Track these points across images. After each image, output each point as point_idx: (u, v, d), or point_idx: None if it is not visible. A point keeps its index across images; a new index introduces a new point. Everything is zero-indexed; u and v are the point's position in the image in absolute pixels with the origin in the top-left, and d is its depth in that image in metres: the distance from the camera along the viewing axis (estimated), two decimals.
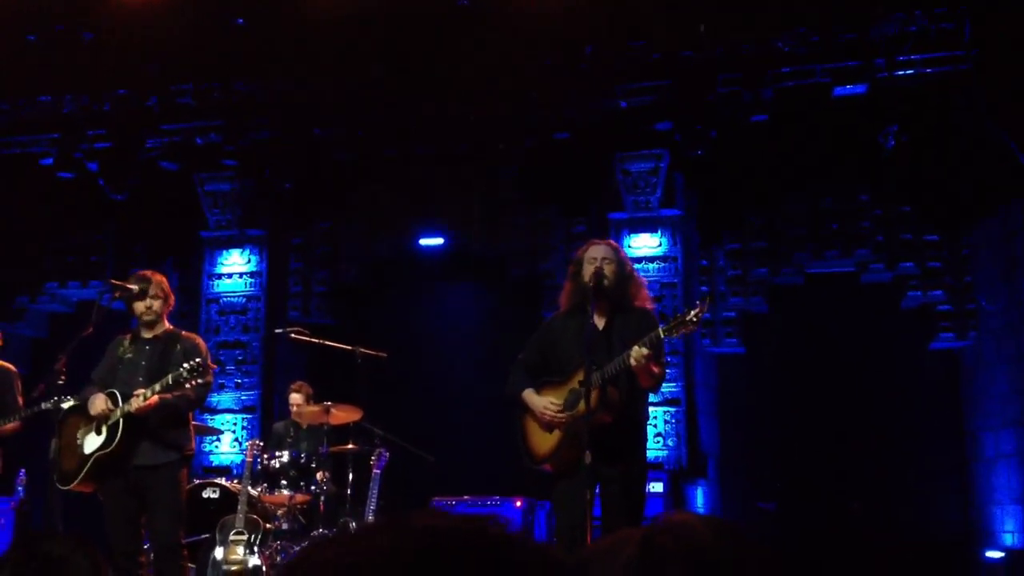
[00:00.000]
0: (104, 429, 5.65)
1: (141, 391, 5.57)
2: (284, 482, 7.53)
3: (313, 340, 8.25)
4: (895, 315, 9.97)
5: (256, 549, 7.25)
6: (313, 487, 7.54)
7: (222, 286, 10.95)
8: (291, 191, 10.99)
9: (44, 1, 9.39)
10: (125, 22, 9.33)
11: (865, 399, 9.81)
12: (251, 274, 10.94)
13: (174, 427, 5.81)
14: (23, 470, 8.82)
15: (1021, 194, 9.13)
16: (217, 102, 10.51)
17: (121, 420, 5.60)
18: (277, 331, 8.85)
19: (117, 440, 5.59)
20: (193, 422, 6.19)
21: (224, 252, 11.04)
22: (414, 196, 10.93)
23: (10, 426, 6.72)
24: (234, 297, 10.91)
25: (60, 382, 6.15)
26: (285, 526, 7.58)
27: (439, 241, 10.93)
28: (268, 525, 7.48)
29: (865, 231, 9.90)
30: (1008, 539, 8.98)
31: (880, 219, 9.90)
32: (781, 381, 10.11)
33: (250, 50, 9.76)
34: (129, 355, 5.90)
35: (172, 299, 6.12)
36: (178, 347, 5.88)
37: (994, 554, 8.95)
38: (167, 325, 6.04)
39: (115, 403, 5.64)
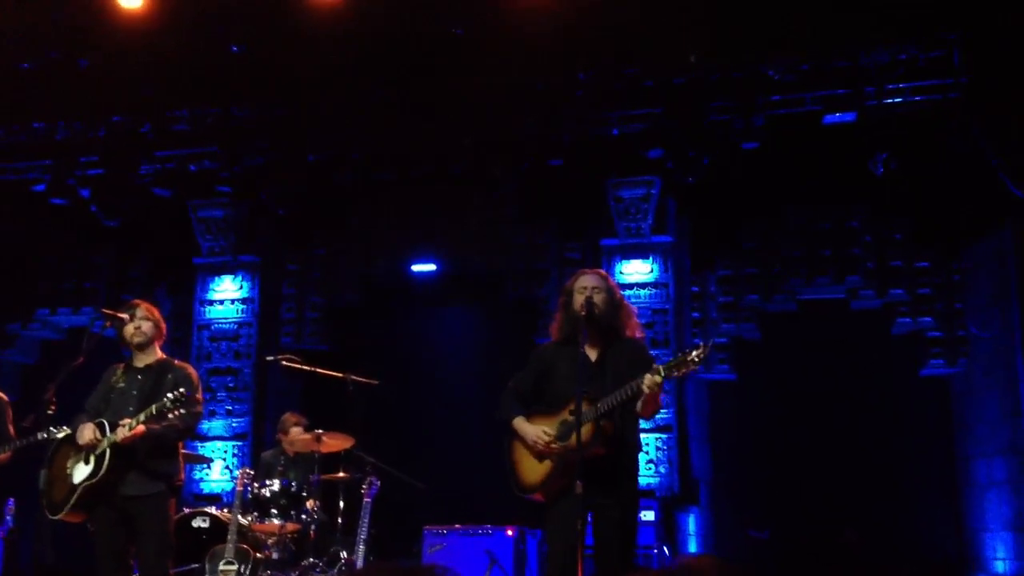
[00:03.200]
0: (92, 459, 5.62)
1: (127, 421, 5.54)
2: (275, 511, 7.48)
3: (304, 367, 8.23)
4: (886, 341, 9.99)
5: None
6: (304, 516, 7.51)
7: (214, 312, 10.94)
8: (285, 217, 10.99)
9: (38, 28, 9.41)
10: (119, 49, 9.34)
11: (856, 425, 9.82)
12: (243, 300, 10.93)
13: (162, 457, 5.76)
14: (12, 500, 8.78)
15: (1011, 220, 9.18)
16: (211, 128, 10.53)
17: (108, 450, 5.57)
18: (268, 358, 8.83)
19: (104, 470, 5.55)
20: (183, 451, 6.17)
21: (216, 278, 11.04)
22: (409, 220, 10.95)
23: (1, 456, 6.68)
24: (226, 323, 10.90)
25: (50, 412, 6.12)
26: (275, 555, 7.52)
27: (431, 268, 10.95)
28: (258, 554, 7.44)
29: (856, 257, 9.94)
30: (1000, 566, 8.98)
31: (871, 246, 9.95)
32: (772, 407, 10.12)
33: (244, 76, 9.79)
34: (121, 384, 5.88)
35: (163, 326, 6.09)
36: (169, 376, 5.85)
37: None
38: (159, 354, 6.02)
39: (103, 432, 5.61)
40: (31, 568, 9.67)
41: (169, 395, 5.48)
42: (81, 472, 5.65)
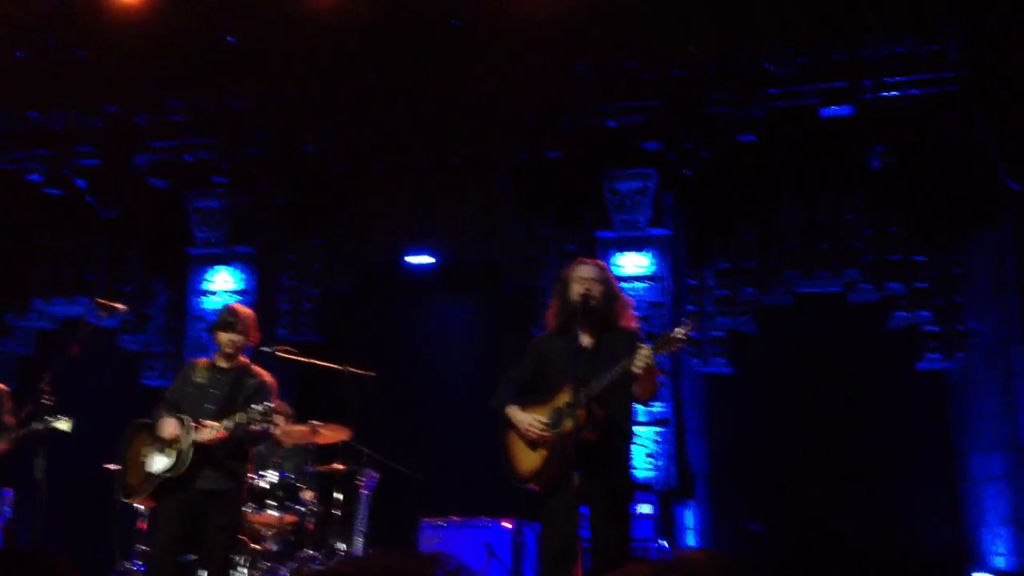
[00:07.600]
0: (172, 452, 5.93)
1: (213, 424, 5.86)
2: (272, 502, 7.47)
3: (300, 358, 8.20)
4: (883, 335, 9.98)
5: (244, 570, 7.20)
6: (301, 507, 7.49)
7: (209, 303, 10.89)
8: (281, 208, 10.96)
9: (35, 17, 9.37)
10: (115, 39, 9.30)
11: (853, 419, 9.80)
12: (239, 292, 10.89)
13: (237, 457, 6.09)
14: (10, 491, 8.77)
15: (1010, 214, 9.17)
16: (207, 119, 10.50)
17: (190, 447, 5.87)
18: (263, 349, 8.78)
19: (186, 466, 5.88)
20: None
21: (211, 269, 10.99)
22: (406, 212, 10.93)
23: (0, 446, 6.67)
24: None
25: (46, 402, 6.17)
26: (273, 547, 7.50)
27: (429, 260, 10.92)
28: (256, 546, 7.42)
29: (854, 251, 9.92)
30: (999, 561, 8.97)
31: (868, 239, 9.91)
32: (769, 401, 10.10)
33: (240, 67, 9.75)
34: (201, 380, 6.17)
35: (256, 337, 6.38)
36: (249, 381, 6.18)
37: None
38: (242, 359, 6.30)
39: (185, 429, 5.89)
40: None
41: (258, 407, 5.78)
42: (159, 463, 5.98)
